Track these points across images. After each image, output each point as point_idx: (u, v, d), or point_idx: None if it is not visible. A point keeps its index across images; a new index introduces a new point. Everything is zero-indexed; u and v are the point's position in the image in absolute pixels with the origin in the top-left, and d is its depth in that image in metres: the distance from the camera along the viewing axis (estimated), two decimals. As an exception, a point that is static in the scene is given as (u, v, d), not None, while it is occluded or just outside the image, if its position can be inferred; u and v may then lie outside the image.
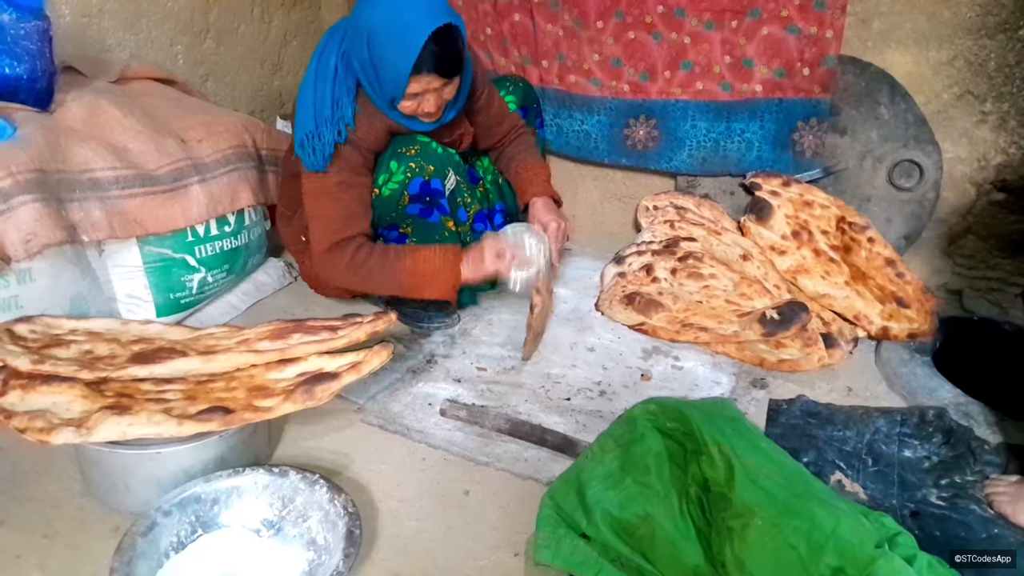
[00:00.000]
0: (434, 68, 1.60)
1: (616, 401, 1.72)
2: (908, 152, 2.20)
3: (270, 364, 1.44)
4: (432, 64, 1.59)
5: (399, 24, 1.56)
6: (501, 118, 2.07)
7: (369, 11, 1.60)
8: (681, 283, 2.07)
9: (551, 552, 1.18)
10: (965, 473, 1.49)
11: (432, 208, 1.83)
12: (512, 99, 2.18)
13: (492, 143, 2.09)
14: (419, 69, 1.59)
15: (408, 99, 1.67)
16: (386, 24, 1.57)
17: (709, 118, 2.34)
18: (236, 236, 1.97)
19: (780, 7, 2.15)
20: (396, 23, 1.56)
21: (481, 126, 2.01)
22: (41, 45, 1.68)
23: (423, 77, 1.61)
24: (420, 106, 1.70)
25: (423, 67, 1.59)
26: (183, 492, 1.24)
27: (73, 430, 1.18)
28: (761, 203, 2.21)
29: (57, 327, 1.49)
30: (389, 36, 1.57)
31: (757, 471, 1.11)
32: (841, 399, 1.77)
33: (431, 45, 1.56)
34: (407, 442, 1.56)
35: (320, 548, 1.22)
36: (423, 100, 1.68)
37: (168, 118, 1.92)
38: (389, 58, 1.59)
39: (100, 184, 1.69)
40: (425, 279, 1.76)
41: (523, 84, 2.26)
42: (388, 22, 1.57)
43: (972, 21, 2.04)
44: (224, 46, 2.53)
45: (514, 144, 2.11)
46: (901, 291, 2.00)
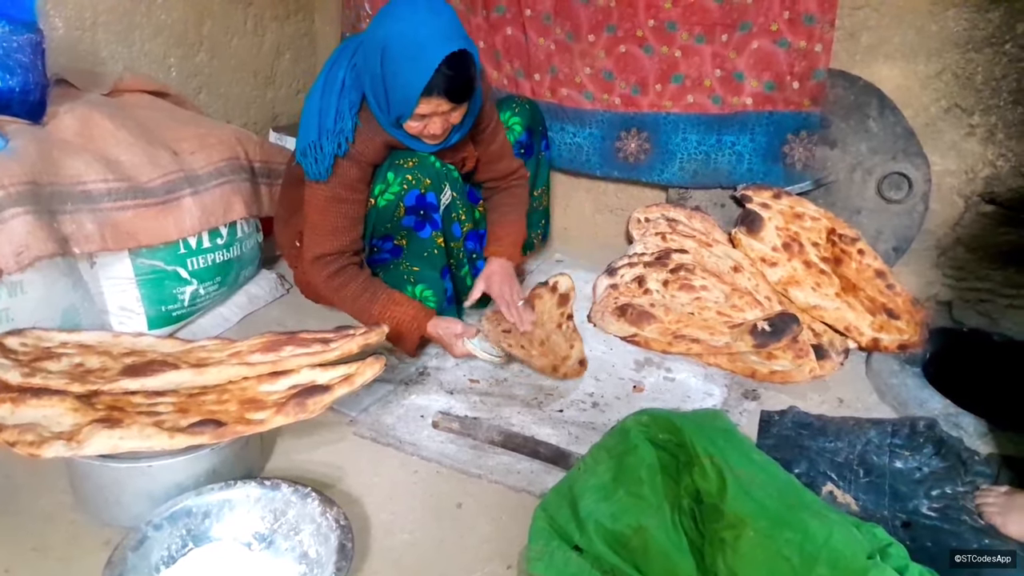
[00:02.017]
0: (444, 91, 1.60)
1: (608, 413, 1.73)
2: (897, 164, 2.22)
3: (262, 376, 1.43)
4: (443, 87, 1.59)
5: (415, 43, 1.55)
6: (501, 155, 2.04)
7: (387, 26, 1.58)
8: (673, 295, 2.08)
9: (544, 564, 1.18)
10: (956, 484, 1.49)
11: (425, 223, 1.84)
12: (518, 120, 2.15)
13: (487, 177, 2.06)
14: (430, 91, 1.58)
15: (415, 119, 1.67)
16: (402, 41, 1.56)
17: (700, 131, 2.35)
18: (228, 248, 1.97)
19: (770, 21, 2.17)
20: (412, 41, 1.55)
21: (483, 156, 1.99)
22: (34, 58, 1.68)
23: (433, 99, 1.61)
24: (426, 127, 1.69)
25: (434, 89, 1.58)
26: (174, 505, 1.23)
27: (64, 443, 1.17)
28: (752, 215, 2.22)
29: (48, 340, 1.49)
30: (404, 53, 1.56)
31: (749, 482, 1.11)
32: (832, 410, 1.77)
33: (444, 68, 1.56)
34: (399, 454, 1.56)
35: (312, 561, 1.21)
36: (429, 122, 1.68)
37: (161, 130, 1.92)
38: (401, 76, 1.58)
39: (92, 196, 1.69)
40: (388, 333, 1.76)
41: (530, 106, 2.21)
42: (404, 39, 1.56)
43: (959, 35, 2.06)
44: (217, 58, 2.53)
45: (505, 193, 2.08)
46: (891, 302, 2.01)
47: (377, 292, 1.83)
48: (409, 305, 1.83)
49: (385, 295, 1.83)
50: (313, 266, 1.81)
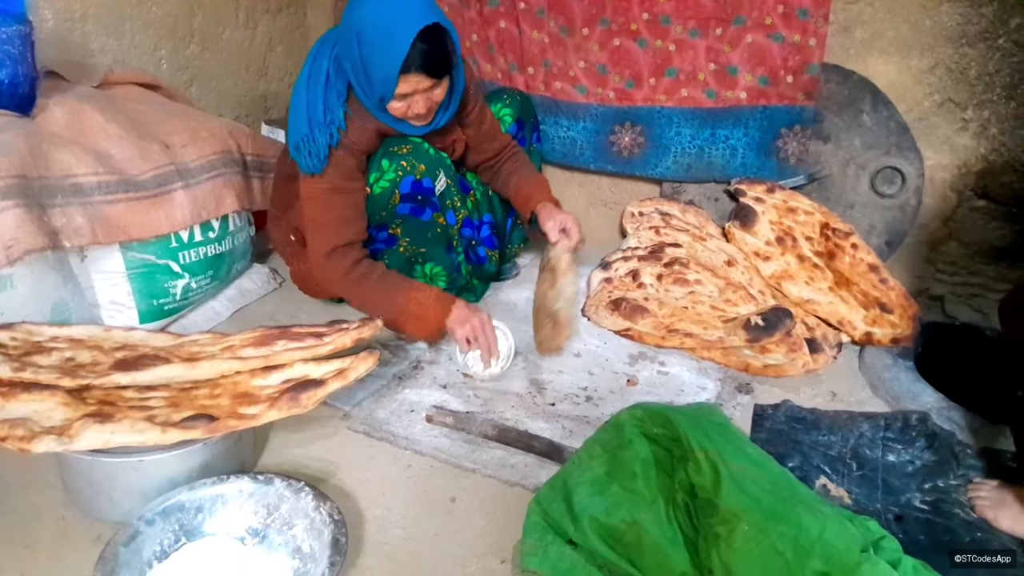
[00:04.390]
0: (422, 67, 1.60)
1: (602, 406, 1.73)
2: (890, 159, 2.22)
3: (255, 371, 1.43)
4: (420, 62, 1.59)
5: (387, 23, 1.57)
6: (493, 135, 2.04)
7: (359, 11, 1.60)
8: (667, 289, 2.08)
9: (538, 559, 1.18)
10: (948, 477, 1.50)
11: (424, 206, 1.84)
12: (508, 112, 2.16)
13: (482, 159, 2.06)
14: (407, 68, 1.59)
15: (398, 100, 1.67)
16: (375, 23, 1.58)
17: (694, 125, 2.35)
18: (220, 242, 1.96)
19: (764, 15, 2.16)
20: (384, 22, 1.57)
21: (471, 139, 2.00)
22: (23, 50, 1.66)
23: (412, 76, 1.61)
24: (410, 107, 1.70)
25: (411, 66, 1.59)
26: (166, 500, 1.22)
27: (55, 438, 1.16)
28: (746, 209, 2.23)
29: (38, 334, 1.48)
30: (377, 35, 1.58)
31: (743, 476, 1.11)
32: (826, 404, 1.78)
33: (419, 44, 1.57)
34: (393, 449, 1.55)
35: (306, 556, 1.21)
36: (413, 101, 1.68)
37: (152, 123, 1.90)
38: (378, 57, 1.59)
39: (83, 189, 1.67)
40: (411, 319, 1.77)
41: (520, 97, 2.22)
42: (376, 21, 1.58)
43: (953, 30, 2.06)
44: (209, 51, 2.51)
45: (510, 161, 2.08)
46: (884, 296, 2.01)
47: (399, 283, 1.80)
48: (434, 291, 1.80)
49: (408, 284, 1.80)
50: (328, 261, 1.76)
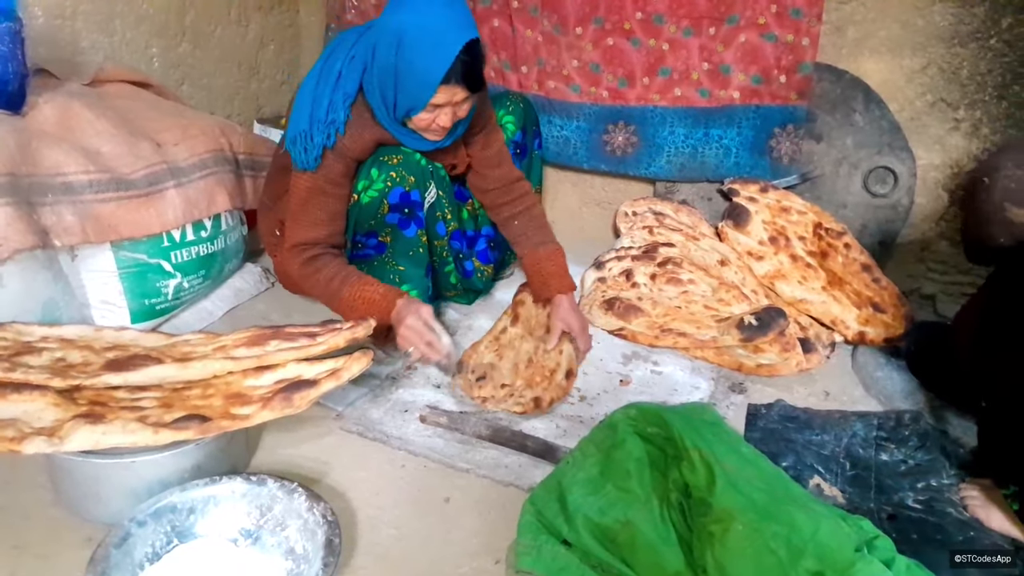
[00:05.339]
0: (463, 78, 1.60)
1: (596, 406, 1.72)
2: (883, 159, 2.23)
3: (247, 371, 1.42)
4: (461, 73, 1.59)
5: (434, 30, 1.56)
6: (499, 162, 1.98)
7: (401, 16, 1.58)
8: (660, 288, 2.08)
9: (532, 559, 1.18)
10: (941, 476, 1.50)
11: (410, 220, 1.82)
12: (511, 119, 2.12)
13: (485, 186, 1.99)
14: (449, 78, 1.58)
15: (427, 110, 1.65)
16: (421, 30, 1.56)
17: (687, 124, 2.35)
18: (212, 241, 1.95)
19: (757, 14, 2.17)
20: (431, 29, 1.56)
21: (476, 160, 1.96)
22: (13, 47, 1.65)
23: (451, 87, 1.60)
24: (436, 120, 1.68)
25: (452, 76, 1.58)
26: (158, 501, 1.22)
27: (45, 439, 1.15)
28: (739, 209, 2.23)
29: (28, 334, 1.46)
30: (423, 42, 1.56)
31: (737, 476, 1.11)
32: (819, 403, 1.78)
33: (463, 55, 1.56)
34: (386, 449, 1.55)
35: (299, 557, 1.20)
36: (441, 113, 1.67)
37: (143, 121, 1.89)
38: (420, 63, 1.57)
39: (73, 188, 1.66)
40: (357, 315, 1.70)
41: (523, 104, 2.18)
42: (423, 28, 1.56)
43: (945, 30, 2.07)
44: (200, 49, 2.50)
45: (526, 218, 1.99)
46: (877, 296, 2.02)
47: (349, 276, 1.75)
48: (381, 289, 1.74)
49: (357, 278, 1.75)
50: (290, 253, 1.78)
